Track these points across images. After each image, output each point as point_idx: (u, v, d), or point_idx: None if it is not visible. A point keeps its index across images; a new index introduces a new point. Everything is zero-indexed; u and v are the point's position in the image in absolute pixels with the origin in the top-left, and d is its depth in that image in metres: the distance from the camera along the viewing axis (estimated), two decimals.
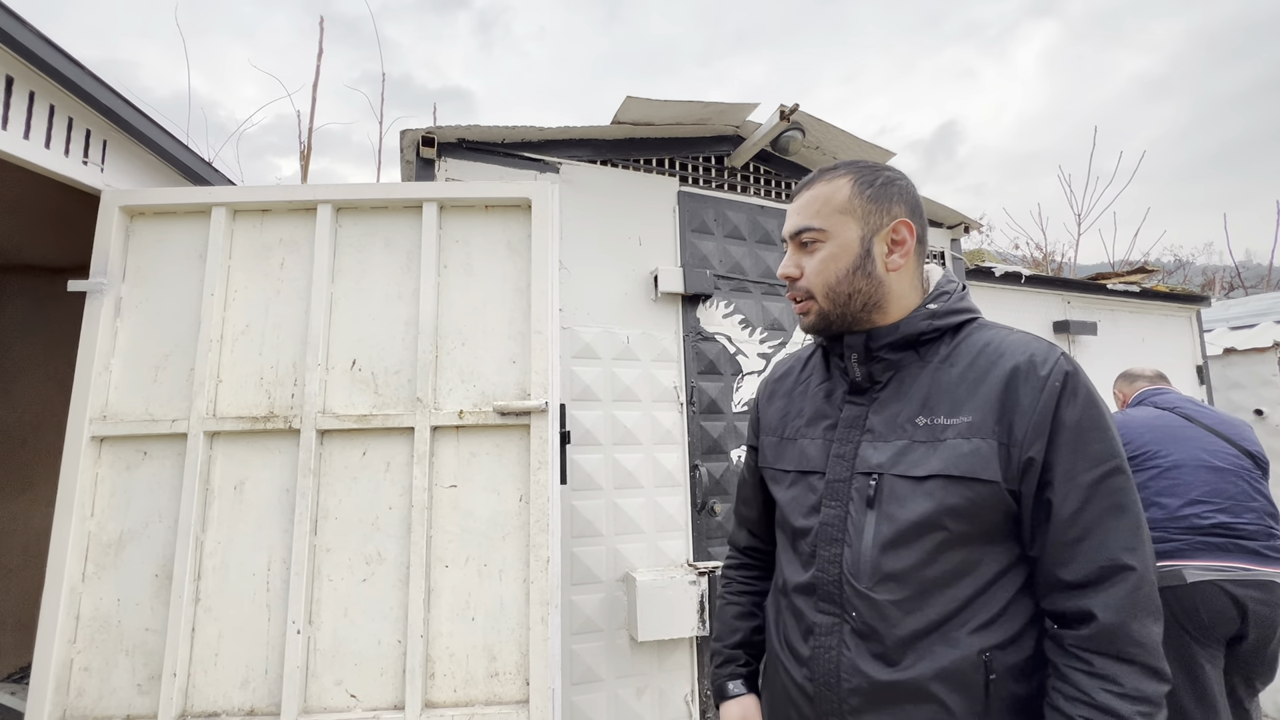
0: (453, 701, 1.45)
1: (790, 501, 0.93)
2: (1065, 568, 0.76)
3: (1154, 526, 2.05)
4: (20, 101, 1.47)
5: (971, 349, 0.85)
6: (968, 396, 0.81)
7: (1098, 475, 0.76)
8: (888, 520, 0.81)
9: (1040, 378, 0.78)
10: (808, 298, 0.90)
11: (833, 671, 0.83)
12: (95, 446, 1.52)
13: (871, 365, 0.88)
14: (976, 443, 0.78)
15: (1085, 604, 0.75)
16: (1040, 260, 8.35)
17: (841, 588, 0.83)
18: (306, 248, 1.62)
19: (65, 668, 1.43)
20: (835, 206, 0.89)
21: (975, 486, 0.77)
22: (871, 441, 0.85)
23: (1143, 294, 3.31)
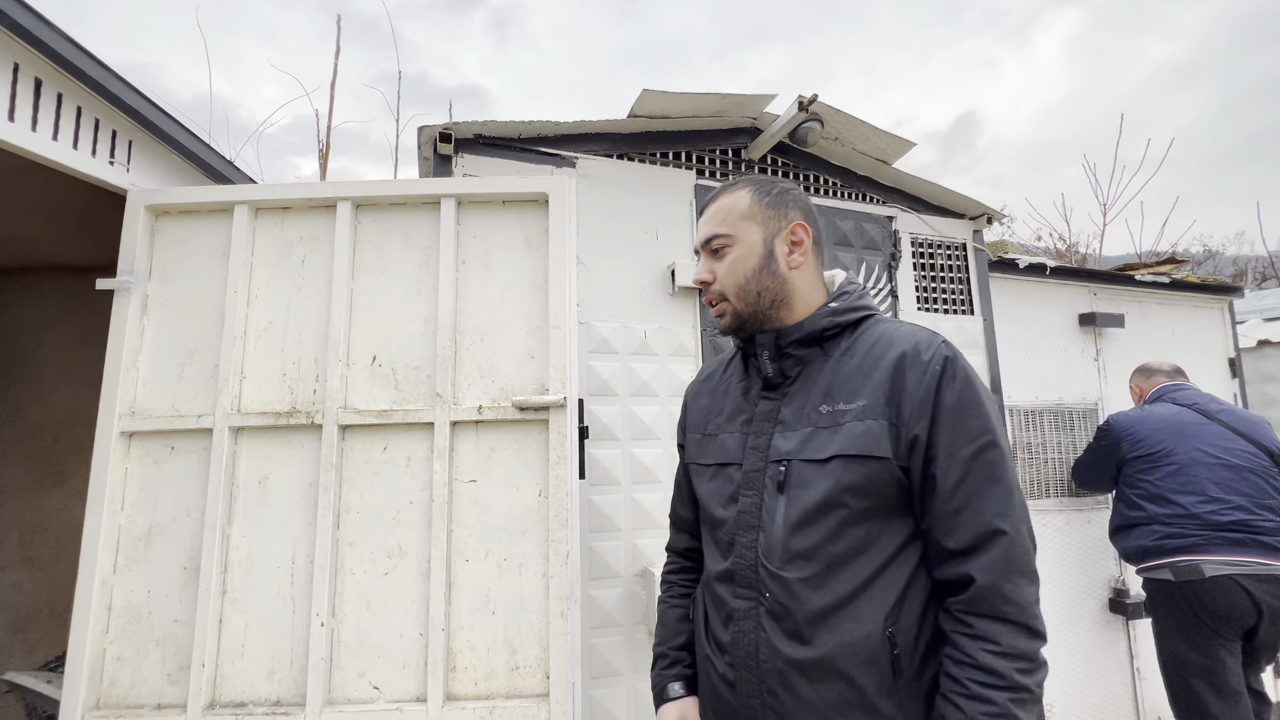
0: (474, 694, 1.46)
1: (711, 494, 0.99)
2: (949, 537, 0.83)
3: (1172, 523, 2.04)
4: (49, 103, 1.49)
5: (868, 341, 0.93)
6: (863, 383, 0.89)
7: (974, 449, 0.84)
8: (795, 502, 0.88)
9: (923, 363, 0.86)
10: (722, 299, 0.98)
11: (751, 654, 0.88)
12: (125, 442, 1.55)
13: (782, 362, 0.96)
14: (869, 424, 0.86)
15: (965, 569, 0.82)
16: (1064, 252, 8.18)
17: (757, 571, 0.89)
18: (327, 244, 1.63)
19: (99, 657, 1.47)
20: (739, 214, 0.98)
21: (870, 464, 0.85)
22: (782, 432, 0.92)
23: (1172, 285, 3.22)
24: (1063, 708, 2.64)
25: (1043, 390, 2.87)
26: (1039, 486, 2.79)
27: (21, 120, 1.43)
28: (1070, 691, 2.67)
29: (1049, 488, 2.80)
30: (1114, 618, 2.79)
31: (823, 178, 2.47)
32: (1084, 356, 3.00)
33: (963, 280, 2.63)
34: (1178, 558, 2.01)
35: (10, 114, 1.41)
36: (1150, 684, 2.76)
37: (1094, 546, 2.82)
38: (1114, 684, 2.76)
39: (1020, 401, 2.80)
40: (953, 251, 2.64)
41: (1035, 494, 2.77)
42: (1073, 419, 2.90)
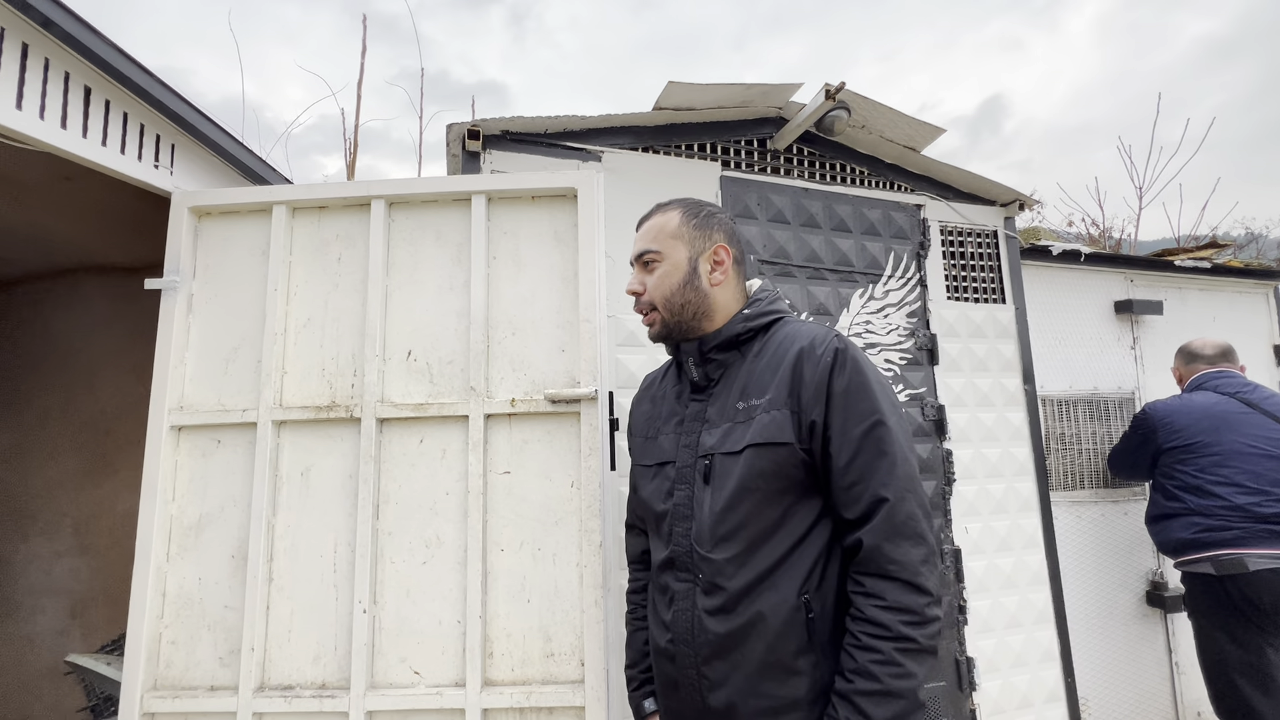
0: (511, 680, 1.50)
1: (652, 492, 1.10)
2: (847, 509, 0.94)
3: (1214, 515, 1.99)
4: (97, 110, 1.55)
5: (775, 341, 1.04)
6: (770, 379, 0.99)
7: (864, 429, 0.94)
8: (718, 491, 0.98)
9: (817, 356, 0.97)
10: (651, 309, 1.10)
11: (688, 628, 0.99)
12: (174, 435, 1.61)
13: (706, 366, 1.08)
14: (775, 414, 0.97)
15: (859, 535, 0.93)
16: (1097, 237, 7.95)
17: (692, 556, 1.00)
18: (362, 242, 1.67)
19: (155, 641, 1.54)
20: (668, 233, 1.10)
21: (777, 450, 0.95)
22: (708, 429, 1.03)
23: (1214, 270, 3.12)
24: (1097, 702, 2.61)
25: (1077, 380, 2.82)
26: (1073, 478, 2.74)
27: (73, 127, 1.49)
28: (1105, 686, 2.63)
29: (1083, 479, 2.75)
30: (1151, 611, 2.74)
31: (849, 166, 2.44)
32: (1120, 345, 2.93)
33: (994, 268, 2.58)
34: (1220, 551, 1.96)
35: (62, 121, 1.47)
36: (1190, 679, 2.71)
37: (1130, 539, 2.76)
38: (1151, 679, 2.71)
39: (1053, 391, 2.75)
40: (983, 239, 2.59)
41: (1068, 485, 2.73)
42: (1108, 409, 2.84)
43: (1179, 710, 2.72)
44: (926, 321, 2.41)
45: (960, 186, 2.57)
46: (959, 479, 2.32)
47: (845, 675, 0.90)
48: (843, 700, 0.89)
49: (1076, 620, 2.53)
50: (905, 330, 2.37)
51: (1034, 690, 2.28)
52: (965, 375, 2.42)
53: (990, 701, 2.21)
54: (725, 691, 0.96)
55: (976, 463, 2.36)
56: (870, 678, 0.87)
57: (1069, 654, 2.36)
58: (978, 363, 2.45)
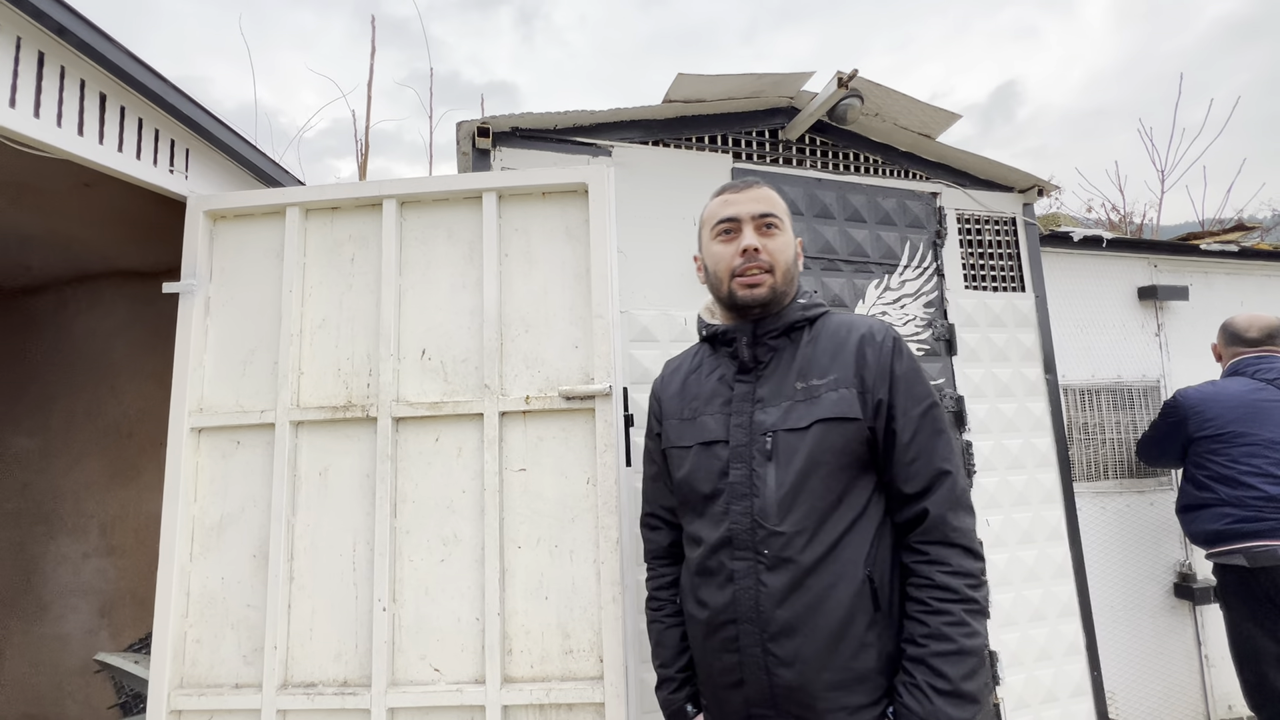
0: (530, 677, 1.50)
1: (694, 471, 1.09)
2: (908, 483, 1.00)
3: (1248, 506, 1.94)
4: (113, 116, 1.57)
5: (829, 328, 1.10)
6: (831, 362, 1.05)
7: (922, 409, 1.02)
8: (784, 467, 1.00)
9: (878, 342, 1.05)
10: (767, 272, 1.09)
11: (753, 608, 0.99)
12: (195, 437, 1.63)
13: (757, 349, 1.10)
14: (843, 392, 1.02)
15: (921, 506, 0.98)
16: (1117, 222, 7.78)
17: (754, 534, 1.00)
18: (374, 242, 1.68)
19: (180, 640, 1.56)
20: (781, 208, 1.13)
21: (846, 425, 1.01)
22: (762, 408, 1.05)
23: (1241, 253, 3.03)
24: (1124, 696, 2.56)
25: (1099, 368, 2.76)
26: (1096, 468, 2.69)
27: (89, 134, 1.51)
28: (1132, 679, 2.58)
29: (1107, 469, 2.70)
30: (1179, 603, 2.68)
31: (863, 155, 2.40)
32: (1144, 332, 2.86)
33: (1012, 256, 2.53)
34: (1253, 543, 1.92)
35: (79, 128, 1.48)
36: (1220, 671, 2.65)
37: (1157, 529, 2.71)
38: (1179, 671, 2.66)
39: (1075, 380, 2.70)
40: (1001, 226, 2.54)
41: (1092, 475, 2.67)
42: (1132, 397, 2.78)
43: (1209, 703, 2.66)
44: (944, 311, 2.37)
45: (977, 173, 2.52)
46: (979, 471, 2.29)
47: (917, 641, 0.94)
48: (918, 664, 0.92)
49: (1102, 613, 2.49)
50: (923, 321, 2.33)
51: (1059, 684, 2.24)
52: (984, 365, 2.38)
53: (1015, 696, 2.18)
54: (796, 668, 0.95)
55: (997, 454, 2.33)
56: (945, 639, 0.92)
57: (1095, 647, 2.32)
58: (997, 352, 2.41)
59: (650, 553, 1.25)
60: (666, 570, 1.22)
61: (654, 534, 1.24)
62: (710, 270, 1.15)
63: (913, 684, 0.92)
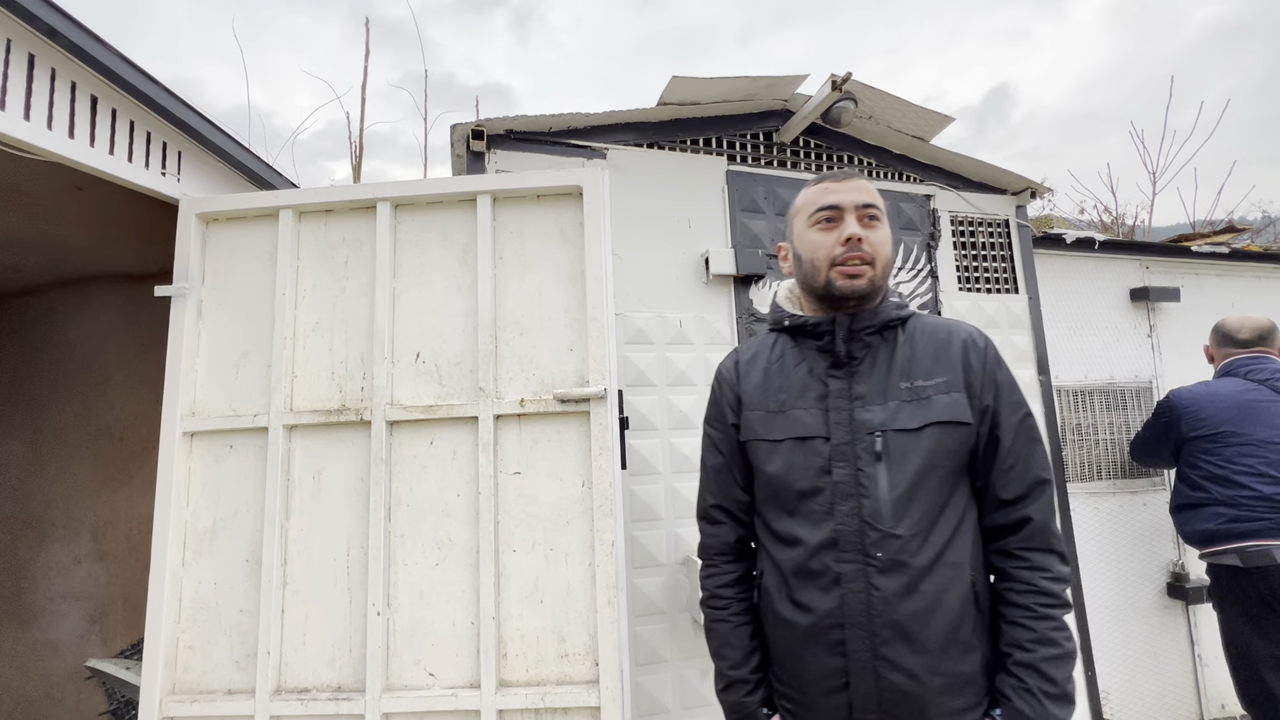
0: (525, 681, 1.50)
1: (789, 468, 1.04)
2: (1005, 489, 1.00)
3: (1240, 506, 1.95)
4: (104, 119, 1.56)
5: (925, 329, 1.08)
6: (935, 364, 1.03)
7: (1020, 418, 1.02)
8: (897, 468, 0.98)
9: (980, 348, 1.05)
10: (869, 264, 1.04)
11: (863, 612, 0.96)
12: (187, 442, 1.62)
13: (852, 344, 1.06)
14: (954, 396, 1.01)
15: (1024, 512, 0.99)
16: (1110, 224, 7.83)
17: (863, 536, 0.97)
18: (368, 245, 1.67)
19: (173, 645, 1.55)
20: (881, 202, 1.08)
21: (959, 429, 1.00)
22: (864, 406, 1.02)
23: (1232, 255, 3.06)
24: (1119, 695, 2.57)
25: (1092, 369, 2.78)
26: (1090, 468, 2.70)
27: (80, 136, 1.50)
28: (1126, 679, 2.59)
29: (1100, 470, 2.71)
30: (1173, 603, 2.70)
31: (857, 158, 2.41)
32: (1136, 333, 2.88)
33: (1006, 258, 2.55)
34: (1246, 542, 1.92)
35: (70, 131, 1.47)
36: (1213, 671, 2.66)
37: (1150, 529, 2.72)
38: (1173, 671, 2.67)
39: (1068, 381, 2.71)
40: (994, 228, 2.56)
41: (1086, 476, 2.69)
42: (1125, 398, 2.79)
43: (1203, 703, 2.67)
44: (939, 313, 2.38)
45: (970, 176, 2.53)
46: None
47: (1024, 646, 0.95)
48: (1028, 669, 0.94)
49: (1096, 613, 2.50)
50: None
51: None
52: None
53: None
54: (908, 673, 0.94)
55: None
56: (1052, 644, 0.94)
57: (1089, 647, 2.33)
58: None
59: (712, 548, 1.16)
60: (731, 567, 1.14)
61: (717, 529, 1.15)
62: (805, 259, 1.09)
63: (1024, 688, 0.93)
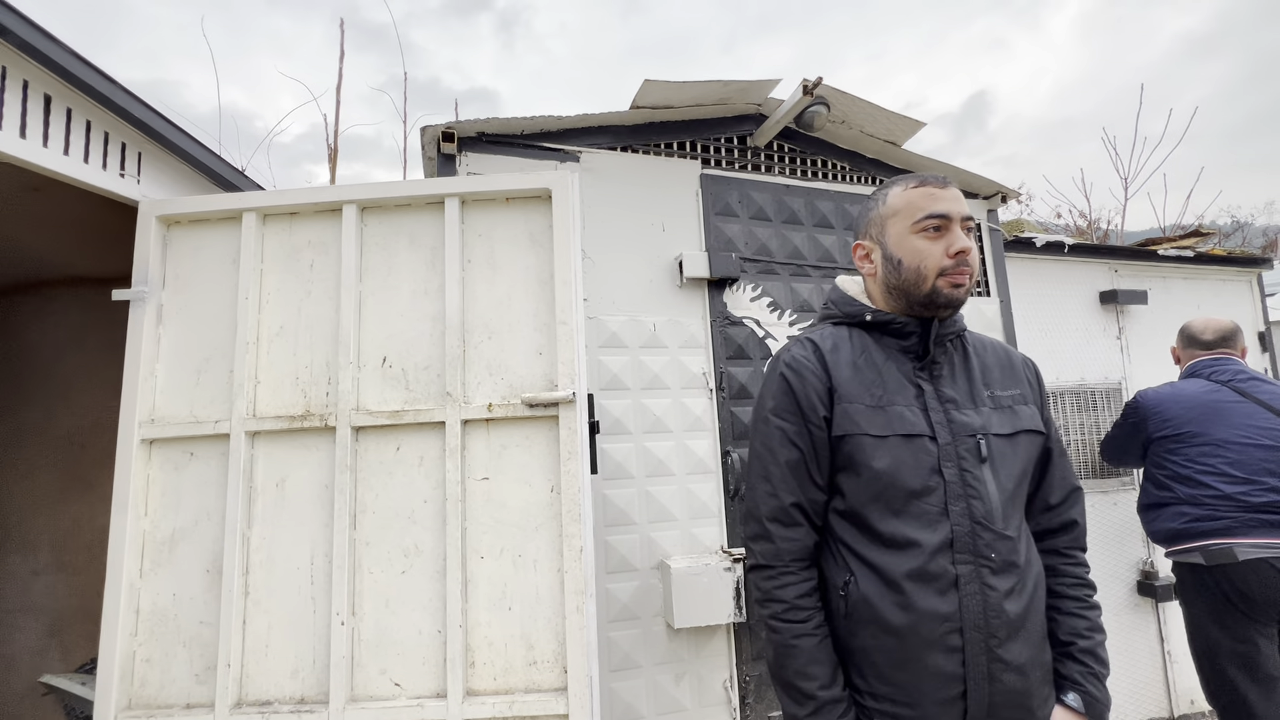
0: (493, 689, 1.47)
1: (898, 465, 1.01)
2: (1053, 494, 1.13)
3: (1203, 504, 1.98)
4: (59, 118, 1.52)
5: (984, 344, 1.17)
6: (1004, 376, 1.12)
7: (1056, 431, 1.16)
8: (1002, 471, 1.03)
9: (1034, 369, 1.18)
10: (970, 275, 1.06)
11: (980, 614, 0.97)
12: (146, 449, 1.58)
13: (936, 349, 1.09)
14: (1031, 408, 1.11)
15: (1070, 515, 1.13)
16: (1085, 228, 7.98)
17: (975, 536, 0.99)
18: (334, 248, 1.64)
19: (129, 659, 1.50)
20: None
21: (1038, 438, 1.10)
22: (959, 409, 1.05)
23: (1197, 259, 3.13)
24: None
25: (1063, 371, 2.82)
26: None
27: (33, 136, 1.46)
28: None
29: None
30: (1143, 600, 2.74)
31: (830, 162, 2.43)
32: (1106, 335, 2.93)
33: (978, 261, 2.57)
34: (1209, 541, 1.96)
35: (21, 130, 1.43)
36: (1182, 668, 2.71)
37: (1120, 529, 2.76)
38: (1144, 668, 2.71)
39: None
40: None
41: None
42: (1095, 399, 2.84)
43: (1172, 699, 2.72)
44: None
45: None
46: None
47: (1082, 634, 1.06)
48: (1090, 655, 1.05)
49: None
50: None
51: None
52: None
53: None
54: (1019, 670, 0.98)
55: None
56: (1101, 630, 1.08)
57: None
58: None
59: (789, 553, 1.05)
60: (810, 574, 1.06)
61: (795, 531, 1.05)
62: (909, 265, 1.05)
63: (1090, 673, 1.03)
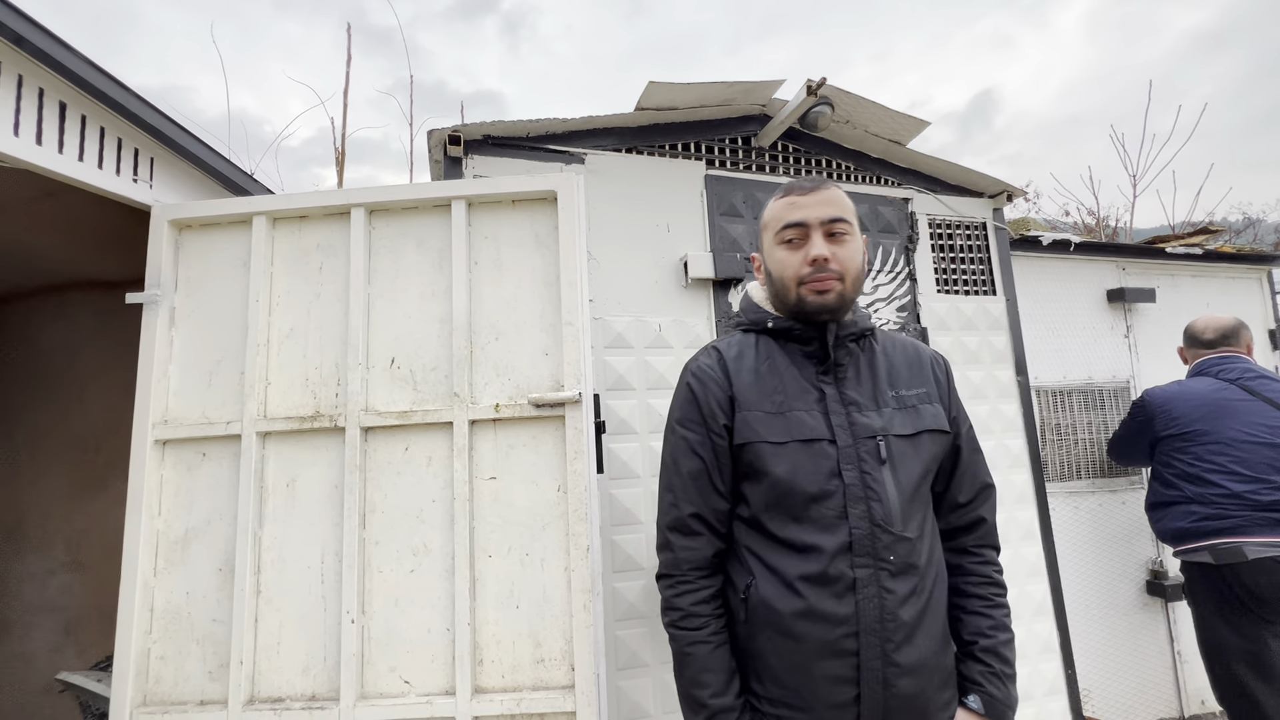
0: (501, 687, 1.49)
1: (796, 470, 1.01)
2: (962, 492, 1.12)
3: (1211, 503, 1.97)
4: (73, 125, 1.55)
5: (894, 343, 1.15)
6: (912, 375, 1.11)
7: (969, 428, 1.15)
8: (901, 471, 1.02)
9: (943, 365, 1.17)
10: (838, 280, 1.05)
11: (876, 617, 0.97)
12: (159, 449, 1.60)
13: (838, 351, 1.09)
14: (935, 407, 1.10)
15: (978, 513, 1.12)
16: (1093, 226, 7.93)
17: (874, 539, 0.99)
18: (343, 251, 1.66)
19: (144, 657, 1.53)
20: (850, 210, 1.08)
21: (942, 437, 1.09)
22: (860, 411, 1.05)
23: (1206, 256, 3.11)
24: (1099, 693, 2.59)
25: (1070, 370, 2.81)
26: (1069, 468, 2.73)
27: (49, 143, 1.48)
28: (1107, 677, 2.61)
29: (1079, 469, 2.74)
30: (1152, 600, 2.73)
31: (835, 162, 2.43)
32: (1113, 333, 2.92)
33: (983, 260, 2.57)
34: (1218, 540, 1.95)
35: (38, 137, 1.46)
36: (1192, 667, 2.69)
37: (1128, 528, 2.75)
38: (1153, 668, 2.69)
39: (1047, 382, 2.74)
40: (972, 231, 2.58)
41: (1065, 475, 2.71)
42: (1103, 398, 2.82)
43: (1182, 700, 2.70)
44: (917, 315, 2.40)
45: (948, 179, 2.56)
46: None
47: (986, 633, 1.05)
48: (993, 654, 1.04)
49: (1076, 612, 2.52)
50: (896, 325, 2.36)
51: (1034, 683, 2.26)
52: (958, 368, 2.41)
53: None
54: (913, 675, 0.97)
55: None
56: (1006, 629, 1.06)
57: (1069, 646, 2.34)
58: (970, 355, 2.44)
59: (687, 562, 1.06)
60: (706, 583, 1.06)
61: (694, 540, 1.06)
62: (775, 276, 1.09)
63: (991, 673, 1.02)
